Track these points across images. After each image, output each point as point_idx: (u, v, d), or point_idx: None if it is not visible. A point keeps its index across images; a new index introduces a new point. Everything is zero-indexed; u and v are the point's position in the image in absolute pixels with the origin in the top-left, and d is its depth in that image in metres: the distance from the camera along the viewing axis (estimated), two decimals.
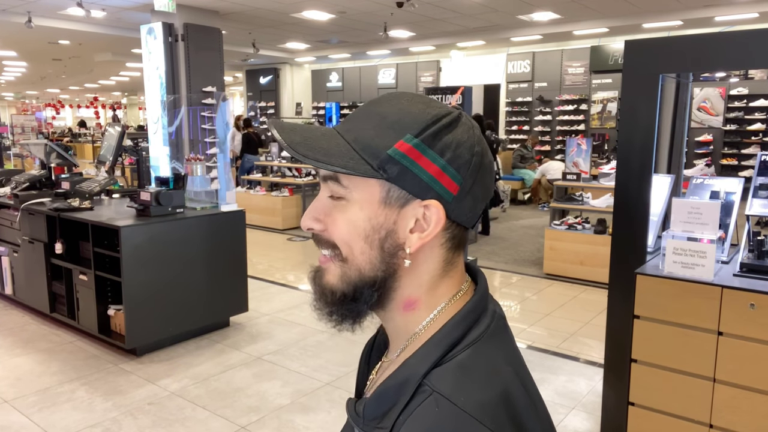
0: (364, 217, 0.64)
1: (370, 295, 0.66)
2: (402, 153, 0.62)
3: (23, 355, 3.98)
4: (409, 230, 0.64)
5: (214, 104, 8.20)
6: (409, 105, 0.65)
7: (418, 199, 0.63)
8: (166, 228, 3.93)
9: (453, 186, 0.63)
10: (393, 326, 0.71)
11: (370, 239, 0.65)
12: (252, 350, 4.04)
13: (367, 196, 0.64)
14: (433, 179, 0.62)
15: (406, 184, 0.63)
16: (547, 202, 8.94)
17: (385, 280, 0.66)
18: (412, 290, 0.67)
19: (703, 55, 2.42)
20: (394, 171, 0.62)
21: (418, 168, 0.62)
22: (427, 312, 0.68)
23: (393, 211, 0.64)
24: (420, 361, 0.63)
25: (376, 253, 0.65)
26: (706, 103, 11.54)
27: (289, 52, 15.52)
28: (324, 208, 0.68)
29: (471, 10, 10.09)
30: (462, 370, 0.61)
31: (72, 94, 30.07)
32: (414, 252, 0.64)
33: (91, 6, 9.00)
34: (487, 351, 0.64)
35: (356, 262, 0.66)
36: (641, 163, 2.51)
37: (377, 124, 0.64)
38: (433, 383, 0.60)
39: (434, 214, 0.63)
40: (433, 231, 0.63)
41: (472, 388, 0.60)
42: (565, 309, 5.03)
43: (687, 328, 2.27)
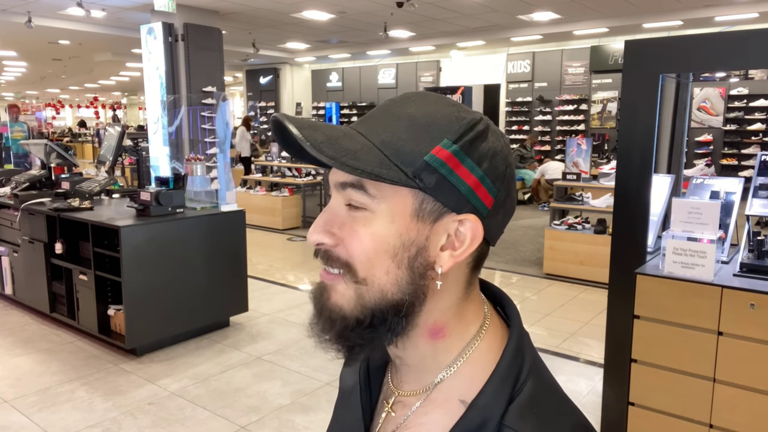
0: (395, 233, 0.57)
1: (396, 322, 0.58)
2: (441, 160, 0.55)
3: (23, 355, 3.98)
4: (440, 248, 0.58)
5: (214, 104, 8.20)
6: (438, 107, 0.58)
7: (454, 212, 0.57)
8: (166, 228, 3.93)
9: (489, 199, 0.58)
10: (415, 356, 0.63)
11: (399, 258, 0.57)
12: (252, 350, 4.04)
13: (399, 207, 0.56)
14: (471, 191, 0.56)
15: (443, 196, 0.56)
16: (547, 202, 8.94)
17: (413, 304, 0.58)
18: (437, 315, 0.60)
19: (703, 55, 2.42)
20: (432, 180, 0.55)
21: (456, 178, 0.56)
22: (459, 340, 0.62)
23: (426, 225, 0.57)
24: (494, 399, 0.57)
25: (404, 274, 0.57)
26: (706, 103, 11.55)
27: (289, 52, 15.52)
28: (338, 220, 0.59)
29: (471, 10, 10.09)
30: (536, 404, 0.58)
31: (72, 94, 30.07)
32: (445, 272, 0.58)
33: (91, 6, 9.00)
34: (544, 377, 0.62)
35: (378, 283, 0.58)
36: (641, 163, 2.51)
37: (407, 126, 0.57)
38: (515, 424, 0.56)
39: (470, 230, 0.58)
40: (469, 249, 0.58)
41: (554, 422, 0.58)
42: (565, 309, 5.03)
43: (687, 328, 2.27)
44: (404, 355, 0.63)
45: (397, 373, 0.68)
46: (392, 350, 0.64)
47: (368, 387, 0.71)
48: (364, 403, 0.70)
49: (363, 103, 17.10)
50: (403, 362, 0.65)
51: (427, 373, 0.63)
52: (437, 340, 0.61)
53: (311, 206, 9.53)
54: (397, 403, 0.67)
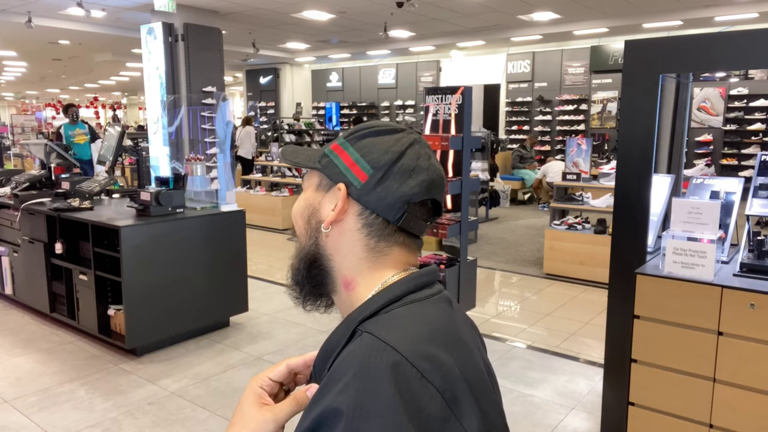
0: (303, 198, 0.83)
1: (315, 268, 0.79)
2: (330, 149, 0.80)
3: (23, 355, 3.98)
4: (330, 210, 0.78)
5: (214, 104, 8.20)
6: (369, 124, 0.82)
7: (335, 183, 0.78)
8: (166, 228, 3.93)
9: (362, 175, 0.76)
10: (343, 308, 0.80)
11: (304, 215, 0.81)
12: (252, 350, 4.04)
13: (310, 184, 0.83)
14: (346, 168, 0.77)
15: (328, 172, 0.79)
16: (548, 203, 8.94)
17: (318, 254, 0.79)
18: (345, 271, 0.78)
19: (703, 55, 2.42)
20: (324, 162, 0.80)
21: (338, 159, 0.78)
22: (368, 290, 0.76)
23: (320, 194, 0.80)
24: (359, 313, 0.71)
25: (307, 227, 0.80)
26: (706, 103, 11.55)
27: (289, 52, 15.52)
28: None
29: (471, 10, 10.09)
30: (395, 318, 0.70)
31: (72, 94, 30.05)
32: (329, 225, 0.77)
33: (91, 6, 9.00)
34: (425, 309, 0.73)
35: (300, 236, 0.82)
36: (641, 163, 2.52)
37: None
38: (366, 327, 0.68)
39: (341, 194, 0.76)
40: (339, 207, 0.76)
41: (396, 326, 0.68)
42: (565, 309, 5.03)
43: (687, 328, 2.27)
44: (339, 308, 0.82)
45: None
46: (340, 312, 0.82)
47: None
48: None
49: (363, 103, 17.10)
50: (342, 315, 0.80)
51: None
52: (350, 291, 0.78)
53: None
54: None
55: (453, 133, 4.17)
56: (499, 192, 9.93)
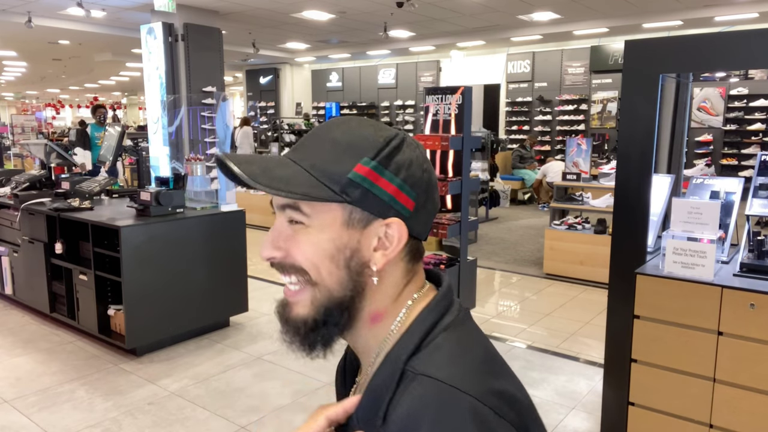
0: (327, 239, 0.66)
1: (339, 315, 0.68)
2: (362, 176, 0.64)
3: (23, 355, 3.98)
4: (373, 248, 0.67)
5: (214, 104, 8.20)
6: (359, 129, 0.67)
7: (380, 218, 0.66)
8: (166, 228, 3.93)
9: (410, 203, 0.67)
10: (362, 342, 0.71)
11: (336, 259, 0.66)
12: (252, 350, 4.04)
13: (329, 220, 0.66)
14: (392, 198, 0.66)
15: (368, 206, 0.65)
16: (548, 203, 8.94)
17: (353, 299, 0.67)
18: (377, 305, 0.69)
19: (703, 55, 2.42)
20: (356, 194, 0.65)
21: (378, 189, 0.65)
22: (393, 318, 0.69)
23: (356, 231, 0.66)
24: (400, 351, 0.65)
25: (344, 273, 0.67)
26: (706, 103, 11.55)
27: (289, 52, 15.52)
28: (283, 235, 0.69)
29: (471, 10, 10.09)
30: (442, 352, 0.64)
31: (72, 94, 30.06)
32: (379, 269, 0.67)
33: (91, 6, 9.00)
34: (459, 334, 0.67)
35: (325, 283, 0.67)
36: (641, 163, 2.51)
37: (331, 149, 0.66)
38: (415, 367, 0.62)
39: (396, 232, 0.66)
40: (397, 248, 0.66)
41: (451, 364, 0.63)
42: (565, 309, 5.03)
43: (687, 328, 2.27)
44: (356, 345, 0.73)
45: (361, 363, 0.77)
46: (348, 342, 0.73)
47: (344, 382, 0.81)
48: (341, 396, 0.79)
49: (363, 103, 17.10)
50: (358, 351, 0.74)
51: (372, 354, 0.71)
52: (376, 324, 0.70)
53: None
54: (357, 390, 0.76)
55: (453, 133, 4.17)
56: (499, 192, 9.93)
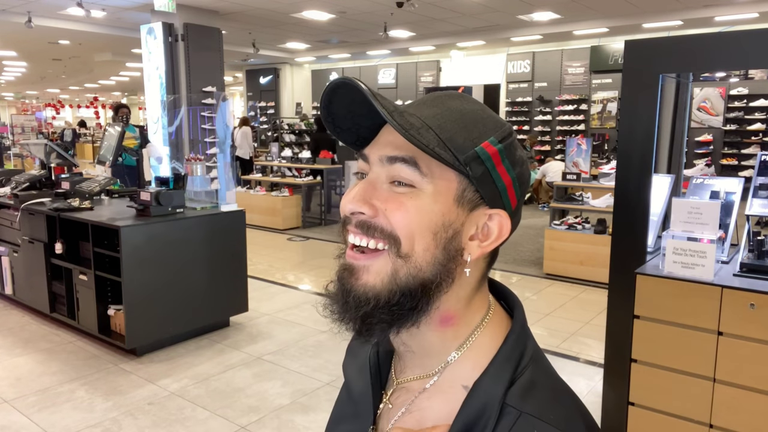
0: (438, 211, 0.58)
1: (416, 301, 0.59)
2: (488, 154, 0.59)
3: (23, 355, 3.98)
4: (470, 237, 0.61)
5: (214, 104, 8.20)
6: (482, 108, 0.63)
7: (486, 206, 0.60)
8: (166, 228, 3.93)
9: (514, 201, 0.62)
10: (422, 343, 0.64)
11: (439, 236, 0.59)
12: (252, 350, 4.04)
13: (444, 189, 0.59)
14: (504, 189, 0.61)
15: (484, 188, 0.59)
16: (548, 203, 8.94)
17: (439, 286, 0.60)
18: (451, 304, 0.62)
19: (703, 55, 2.42)
20: (478, 171, 0.59)
21: (496, 174, 0.60)
22: (465, 327, 0.64)
23: (463, 212, 0.60)
24: (495, 382, 0.59)
25: (440, 254, 0.59)
26: (706, 103, 11.54)
27: (289, 52, 15.52)
28: (380, 193, 0.60)
29: (471, 10, 10.09)
30: (537, 387, 0.60)
31: (72, 94, 30.06)
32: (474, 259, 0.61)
33: (91, 6, 9.00)
34: (546, 365, 0.64)
35: (416, 259, 0.58)
36: (641, 163, 2.51)
37: (458, 118, 0.60)
38: (517, 404, 0.58)
39: (497, 225, 0.61)
40: (497, 241, 0.61)
41: (555, 404, 0.60)
42: (565, 309, 5.03)
43: (687, 328, 2.27)
44: (411, 341, 0.64)
45: (400, 361, 0.69)
46: (399, 337, 0.64)
47: (379, 379, 0.71)
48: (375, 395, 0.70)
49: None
50: (408, 348, 0.65)
51: (432, 359, 0.64)
52: (447, 328, 0.63)
53: (312, 206, 9.54)
54: (398, 391, 0.68)
55: None
56: None
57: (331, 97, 0.61)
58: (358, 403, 0.72)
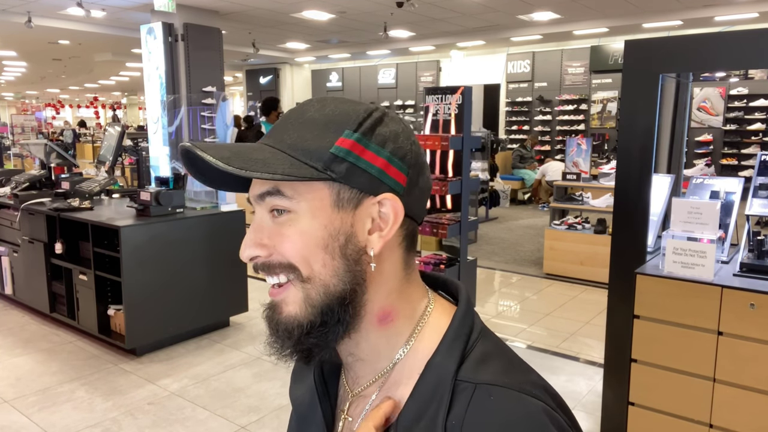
0: (319, 225, 0.59)
1: (342, 313, 0.60)
2: (346, 149, 0.58)
3: (23, 355, 3.98)
4: (368, 232, 0.60)
5: (214, 104, 8.20)
6: (336, 106, 0.62)
7: (371, 195, 0.60)
8: (166, 228, 3.93)
9: (401, 177, 0.61)
10: (368, 347, 0.64)
11: (330, 248, 0.59)
12: (252, 350, 4.04)
13: (317, 202, 0.59)
14: (381, 172, 0.60)
15: (356, 182, 0.59)
16: (547, 203, 8.94)
17: (355, 292, 0.60)
18: (382, 300, 0.62)
19: (703, 55, 2.42)
20: (342, 169, 0.58)
21: (364, 163, 0.59)
22: (408, 321, 0.64)
23: (348, 213, 0.59)
24: (446, 359, 0.60)
25: (339, 263, 0.59)
26: (706, 103, 11.54)
27: (289, 52, 15.52)
28: (266, 231, 0.62)
29: (471, 10, 10.09)
30: (489, 358, 0.61)
31: (72, 94, 30.06)
32: (377, 254, 0.60)
33: (91, 6, 9.00)
34: (494, 339, 0.65)
35: (320, 277, 0.60)
36: (641, 163, 2.51)
37: (310, 127, 0.60)
38: (471, 377, 0.59)
39: (391, 209, 0.60)
40: (394, 227, 0.60)
41: (508, 370, 0.61)
42: (565, 309, 5.03)
43: (687, 328, 2.27)
44: (357, 350, 0.65)
45: (351, 373, 0.69)
46: (344, 348, 0.65)
47: (327, 397, 0.71)
48: (326, 413, 0.70)
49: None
50: (357, 358, 0.66)
51: (383, 362, 0.65)
52: (387, 325, 0.63)
53: None
54: (355, 402, 0.68)
55: (453, 133, 4.17)
56: (499, 192, 9.93)
57: (189, 168, 0.63)
58: (311, 425, 0.71)
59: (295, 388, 0.77)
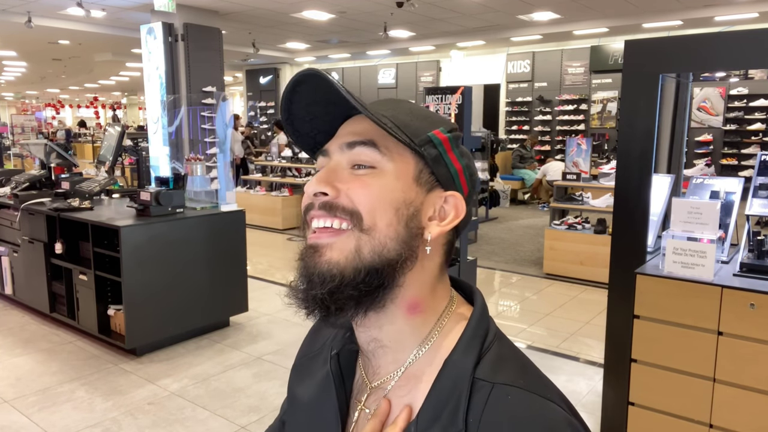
0: (400, 187, 0.62)
1: (388, 278, 0.60)
2: (440, 139, 0.64)
3: (23, 355, 3.98)
4: (428, 218, 0.64)
5: (214, 104, 8.20)
6: (429, 110, 0.69)
7: (441, 189, 0.65)
8: (166, 228, 3.93)
9: (465, 189, 0.66)
10: (393, 335, 0.65)
11: (400, 212, 0.61)
12: (252, 350, 4.04)
13: (404, 166, 0.63)
14: (457, 174, 0.65)
15: (438, 170, 0.64)
16: (548, 203, 8.94)
17: (403, 264, 0.61)
18: (415, 290, 0.64)
19: (703, 55, 2.42)
20: (432, 153, 0.64)
21: (448, 159, 0.65)
22: (433, 315, 0.66)
23: (421, 192, 0.63)
24: (464, 357, 0.62)
25: (402, 230, 0.61)
26: (706, 103, 11.54)
27: (289, 52, 15.52)
28: (341, 175, 0.63)
29: (471, 10, 10.09)
30: (505, 360, 0.63)
31: (72, 94, 30.06)
32: (431, 240, 0.63)
33: (91, 6, 9.00)
34: (508, 343, 0.67)
35: (381, 234, 0.60)
36: (641, 163, 2.51)
37: (408, 112, 0.66)
38: (488, 377, 0.60)
39: (453, 207, 0.65)
40: (453, 222, 0.64)
41: (524, 373, 0.63)
42: (565, 309, 5.03)
43: (687, 328, 2.27)
44: (380, 333, 0.65)
45: (371, 363, 0.69)
46: (367, 333, 0.66)
47: (342, 387, 0.70)
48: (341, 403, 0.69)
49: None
50: (380, 344, 0.66)
51: (403, 352, 0.66)
52: (414, 315, 0.65)
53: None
54: (373, 394, 0.68)
55: None
56: (499, 192, 9.93)
57: (291, 96, 0.65)
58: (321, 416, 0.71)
59: (299, 381, 0.77)
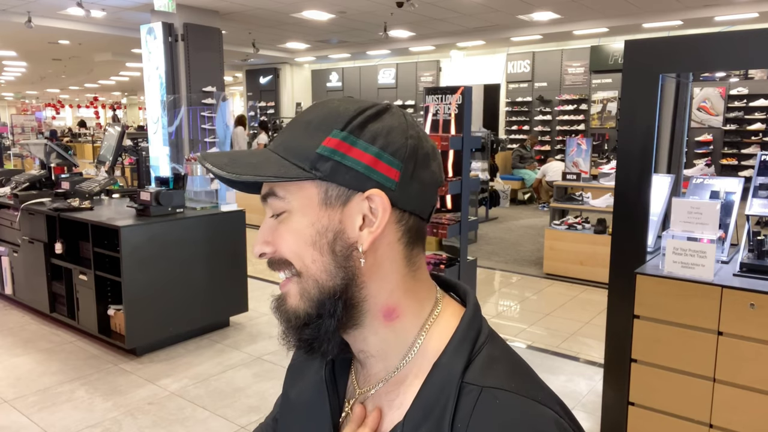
0: (307, 223, 0.62)
1: (333, 306, 0.62)
2: (331, 149, 0.61)
3: (23, 355, 3.98)
4: (359, 228, 0.62)
5: (214, 104, 8.20)
6: (336, 106, 0.64)
7: (359, 192, 0.61)
8: (166, 228, 3.93)
9: (393, 172, 0.61)
10: (378, 342, 0.65)
11: (318, 245, 0.62)
12: (252, 350, 4.04)
13: (306, 201, 0.62)
14: (369, 168, 0.61)
15: (342, 179, 0.61)
16: (547, 203, 8.94)
17: (346, 287, 0.62)
18: (384, 297, 0.63)
19: (703, 55, 2.42)
20: (327, 168, 0.60)
21: (350, 160, 0.60)
22: (416, 318, 0.65)
23: (336, 210, 0.61)
24: (453, 360, 0.61)
25: (329, 259, 0.62)
26: (706, 103, 11.54)
27: (289, 52, 15.52)
28: (270, 230, 0.65)
29: (471, 10, 10.09)
30: (496, 362, 0.62)
31: (72, 94, 30.06)
32: (368, 249, 0.61)
33: (91, 6, 9.00)
34: (501, 344, 0.66)
35: (311, 273, 0.62)
36: (641, 163, 2.51)
37: (304, 129, 0.63)
38: (477, 380, 0.60)
39: (379, 204, 0.61)
40: (382, 222, 0.61)
41: (514, 375, 0.62)
42: (565, 309, 5.03)
43: (687, 328, 2.27)
44: (366, 345, 0.66)
45: (363, 370, 0.70)
46: (355, 345, 0.67)
47: (336, 392, 0.72)
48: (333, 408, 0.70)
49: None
50: (368, 354, 0.67)
51: (392, 359, 0.66)
52: (393, 321, 0.64)
53: None
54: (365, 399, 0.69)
55: (453, 133, 4.16)
56: (499, 192, 9.93)
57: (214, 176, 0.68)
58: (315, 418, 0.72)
59: (294, 382, 0.78)
